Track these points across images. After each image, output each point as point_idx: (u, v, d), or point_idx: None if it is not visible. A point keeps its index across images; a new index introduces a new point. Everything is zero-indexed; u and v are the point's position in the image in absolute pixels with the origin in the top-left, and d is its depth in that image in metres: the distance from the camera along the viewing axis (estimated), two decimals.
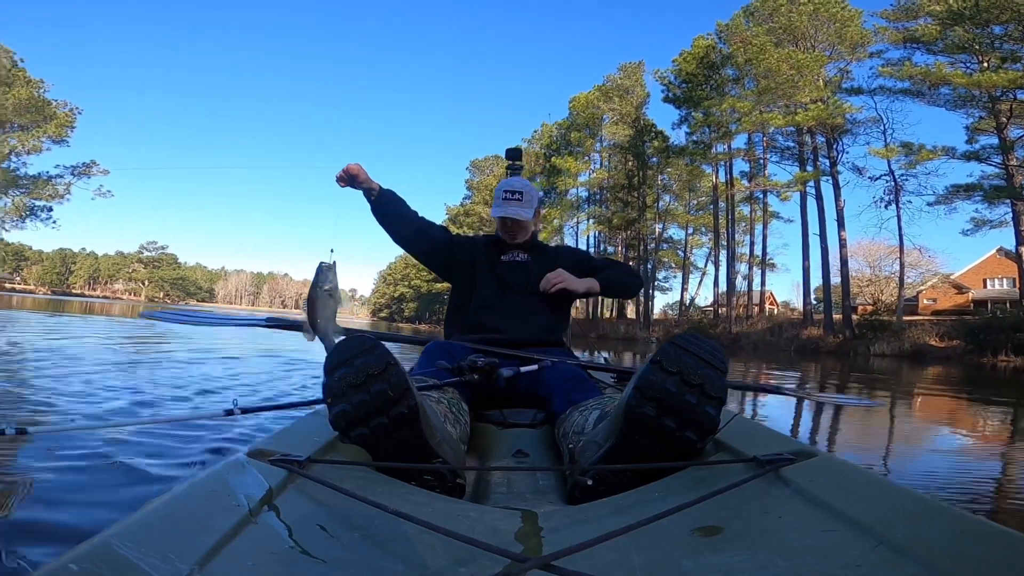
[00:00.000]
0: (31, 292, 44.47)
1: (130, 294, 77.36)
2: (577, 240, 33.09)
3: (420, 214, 1.81)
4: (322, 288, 1.39)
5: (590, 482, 0.91)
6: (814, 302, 24.50)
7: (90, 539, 0.50)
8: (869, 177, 20.98)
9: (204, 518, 0.59)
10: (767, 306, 29.26)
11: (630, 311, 31.26)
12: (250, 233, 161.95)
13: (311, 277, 1.54)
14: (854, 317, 21.28)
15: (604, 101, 29.14)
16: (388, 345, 0.96)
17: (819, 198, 21.89)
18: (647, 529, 0.65)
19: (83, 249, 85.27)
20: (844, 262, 21.60)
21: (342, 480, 0.78)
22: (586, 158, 31.07)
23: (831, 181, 21.49)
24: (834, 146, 21.50)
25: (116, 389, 2.84)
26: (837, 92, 20.97)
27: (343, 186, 1.64)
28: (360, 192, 1.70)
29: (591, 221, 31.68)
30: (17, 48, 27.41)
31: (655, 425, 0.89)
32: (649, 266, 29.36)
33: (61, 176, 28.92)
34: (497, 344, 1.54)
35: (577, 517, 0.79)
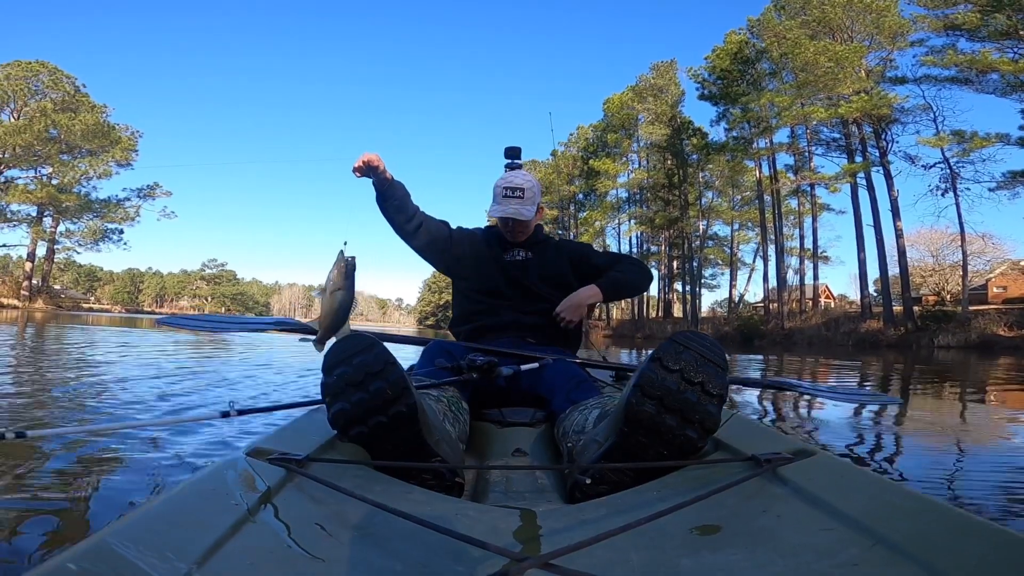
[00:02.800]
0: (107, 311, 47.70)
1: (194, 310, 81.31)
2: (619, 241, 32.99)
3: (424, 210, 1.78)
4: (327, 289, 1.19)
5: (589, 481, 0.91)
6: (873, 294, 23.69)
7: (88, 538, 0.50)
8: (923, 165, 20.32)
9: (203, 517, 0.59)
10: (822, 300, 28.44)
11: (677, 309, 31.00)
12: (301, 247, 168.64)
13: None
14: (917, 308, 20.52)
15: (638, 101, 29.01)
16: (388, 345, 0.96)
17: (871, 188, 21.23)
18: (646, 528, 0.65)
19: (150, 268, 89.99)
20: (902, 252, 20.85)
21: (341, 479, 0.78)
22: (624, 159, 31.02)
23: (882, 171, 20.82)
24: (883, 136, 20.84)
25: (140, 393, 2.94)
26: (881, 82, 20.33)
27: (359, 176, 1.59)
28: (371, 182, 1.65)
29: (633, 222, 31.58)
30: (77, 74, 28.92)
31: (656, 423, 0.88)
32: (694, 264, 29.04)
33: (129, 199, 30.80)
34: (500, 338, 1.54)
35: (576, 516, 0.79)
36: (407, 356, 1.57)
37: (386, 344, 0.94)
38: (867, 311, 22.17)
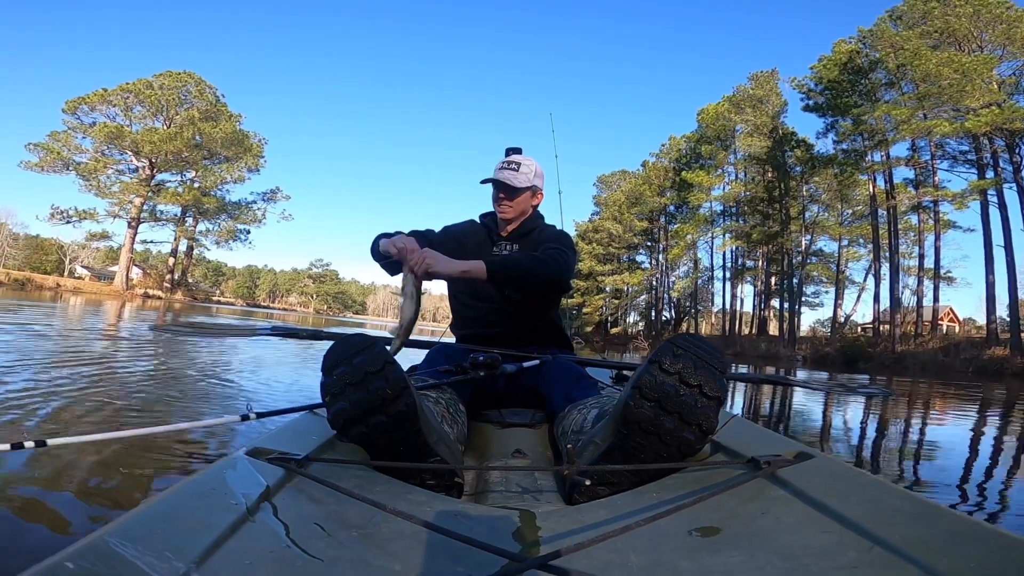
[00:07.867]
0: (231, 303, 52.78)
1: (301, 306, 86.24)
2: (712, 256, 32.11)
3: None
4: (402, 294, 1.35)
5: (588, 482, 0.91)
6: (1005, 319, 21.47)
7: (86, 536, 0.49)
8: None
9: (202, 516, 0.60)
10: (945, 323, 26.09)
11: (772, 327, 29.68)
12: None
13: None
14: None
15: (735, 112, 28.12)
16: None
17: (1002, 206, 19.33)
18: (645, 529, 0.65)
19: (265, 266, 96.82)
20: None
21: (340, 479, 0.79)
22: (719, 171, 30.23)
23: (1016, 187, 18.94)
24: (1016, 150, 18.94)
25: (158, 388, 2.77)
26: (1015, 94, 18.53)
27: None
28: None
29: (728, 236, 30.69)
30: (216, 83, 31.61)
31: (654, 425, 0.88)
32: (795, 281, 27.71)
33: (255, 202, 33.52)
34: (492, 343, 1.56)
35: (575, 517, 0.79)
36: (409, 358, 1.52)
37: (386, 346, 0.95)
38: (993, 337, 20.15)
